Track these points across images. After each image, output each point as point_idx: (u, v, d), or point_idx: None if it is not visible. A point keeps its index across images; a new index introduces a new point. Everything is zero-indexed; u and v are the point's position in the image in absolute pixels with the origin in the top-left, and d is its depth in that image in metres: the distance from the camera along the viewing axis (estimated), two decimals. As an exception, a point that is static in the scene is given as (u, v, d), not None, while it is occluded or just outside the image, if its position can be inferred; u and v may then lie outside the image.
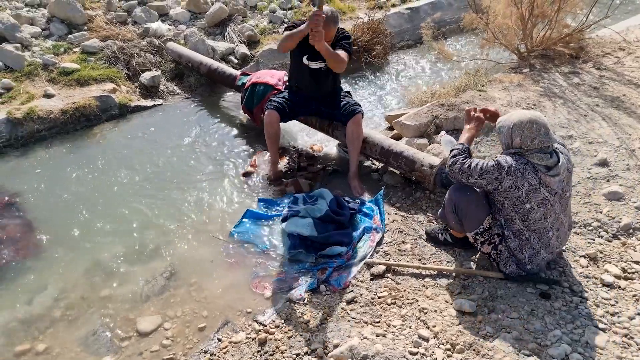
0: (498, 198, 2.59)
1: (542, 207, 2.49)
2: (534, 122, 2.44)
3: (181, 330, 2.69)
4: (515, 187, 2.47)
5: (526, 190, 2.46)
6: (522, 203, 2.49)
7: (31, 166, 4.13)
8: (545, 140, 2.44)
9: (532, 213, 2.51)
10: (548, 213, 2.51)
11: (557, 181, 2.47)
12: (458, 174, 2.63)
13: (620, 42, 5.71)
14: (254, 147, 4.44)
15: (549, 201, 2.48)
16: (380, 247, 3.18)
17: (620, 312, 2.42)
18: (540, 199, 2.47)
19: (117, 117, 4.92)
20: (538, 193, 2.46)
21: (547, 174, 2.45)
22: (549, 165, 2.46)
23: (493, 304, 2.56)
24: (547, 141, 2.45)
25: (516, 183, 2.46)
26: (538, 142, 2.44)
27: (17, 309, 2.84)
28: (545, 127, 2.45)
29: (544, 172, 2.45)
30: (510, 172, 2.46)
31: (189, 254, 3.25)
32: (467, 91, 4.66)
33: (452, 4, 8.17)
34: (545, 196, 2.47)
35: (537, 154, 2.46)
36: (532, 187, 2.46)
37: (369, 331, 2.49)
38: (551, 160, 2.46)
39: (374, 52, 6.47)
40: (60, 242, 3.33)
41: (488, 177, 2.51)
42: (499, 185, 2.50)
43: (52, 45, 5.44)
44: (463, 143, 2.77)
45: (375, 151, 3.89)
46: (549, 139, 2.45)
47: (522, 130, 2.45)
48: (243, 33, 6.30)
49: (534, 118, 2.45)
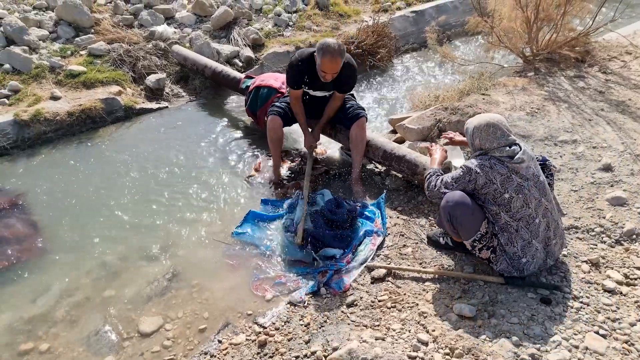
0: (479, 197, 2.70)
1: (520, 193, 2.58)
2: (491, 125, 2.63)
3: (182, 331, 2.71)
4: (490, 181, 2.60)
5: (500, 180, 2.59)
6: (500, 194, 2.60)
7: (37, 167, 4.18)
8: (502, 142, 2.62)
9: (513, 201, 2.59)
10: (527, 199, 2.59)
11: (524, 167, 2.60)
12: (436, 192, 2.82)
13: (627, 46, 5.68)
14: (258, 150, 4.46)
15: (524, 187, 2.59)
16: (381, 250, 3.19)
17: (621, 318, 2.41)
18: (515, 186, 2.58)
19: (122, 119, 4.97)
20: (511, 180, 2.59)
21: (512, 162, 2.58)
22: (510, 155, 2.60)
23: (493, 308, 2.55)
24: (505, 142, 2.62)
25: (489, 177, 2.60)
26: (496, 144, 2.62)
27: (21, 308, 2.87)
28: (502, 129, 2.63)
29: (509, 161, 2.59)
30: (479, 170, 2.62)
31: (191, 256, 3.27)
32: (470, 95, 4.65)
33: (457, 7, 8.17)
34: (519, 182, 2.59)
35: (498, 149, 2.63)
36: (504, 176, 2.59)
37: (369, 334, 2.49)
38: (510, 150, 2.61)
39: (378, 55, 6.49)
40: (65, 242, 3.37)
41: (462, 182, 2.68)
42: (474, 185, 2.66)
43: (59, 48, 5.50)
44: (434, 168, 3.02)
45: (378, 154, 3.90)
46: (506, 140, 2.62)
47: (480, 132, 2.66)
48: (248, 36, 6.33)
49: (491, 121, 2.65)
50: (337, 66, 3.56)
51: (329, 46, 3.49)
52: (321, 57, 3.52)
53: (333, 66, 3.54)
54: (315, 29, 6.95)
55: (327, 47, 3.49)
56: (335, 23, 7.20)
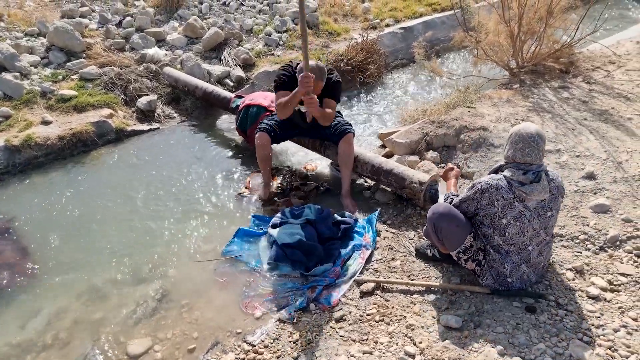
0: (477, 217, 2.68)
1: (518, 221, 2.55)
2: (531, 140, 2.50)
3: (171, 352, 2.71)
4: (492, 204, 2.56)
5: (501, 205, 2.54)
6: (499, 219, 2.57)
7: (28, 192, 4.21)
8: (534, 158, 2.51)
9: (509, 228, 2.56)
10: (525, 228, 2.56)
11: (533, 200, 2.53)
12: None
13: (610, 56, 5.78)
14: (249, 168, 4.50)
15: (524, 215, 2.54)
16: (370, 264, 3.21)
17: (605, 324, 2.42)
18: (515, 213, 2.54)
19: (113, 141, 5.01)
20: (513, 207, 2.53)
21: (519, 189, 2.51)
22: (521, 181, 2.51)
23: (479, 318, 2.57)
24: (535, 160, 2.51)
25: (491, 199, 2.55)
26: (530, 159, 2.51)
27: (10, 333, 2.87)
28: (538, 148, 2.51)
29: (517, 187, 2.51)
30: (484, 190, 2.57)
31: (181, 275, 3.28)
32: (456, 108, 4.72)
33: (445, 22, 8.31)
34: (521, 210, 2.53)
35: (510, 169, 2.55)
36: (507, 202, 2.53)
37: (356, 349, 2.50)
38: (523, 177, 2.51)
39: (368, 71, 6.57)
40: (55, 267, 3.37)
41: (469, 202, 2.65)
42: (477, 204, 2.62)
43: (50, 73, 5.57)
44: (450, 191, 3.03)
45: (366, 169, 3.94)
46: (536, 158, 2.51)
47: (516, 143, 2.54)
48: (239, 56, 6.42)
49: (534, 135, 2.51)
50: (316, 89, 3.66)
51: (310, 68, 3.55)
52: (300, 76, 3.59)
53: (315, 88, 3.64)
54: (304, 48, 7.04)
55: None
56: (325, 41, 7.31)
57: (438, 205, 2.79)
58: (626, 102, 4.64)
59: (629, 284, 2.69)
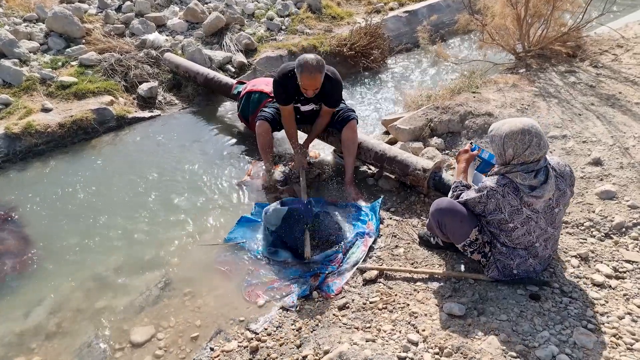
0: (483, 218, 2.62)
1: (525, 225, 2.50)
2: (526, 133, 2.35)
3: (174, 340, 2.71)
4: (499, 210, 2.50)
5: (509, 211, 2.48)
6: (505, 222, 2.52)
7: (29, 180, 4.19)
8: (535, 151, 2.35)
9: (516, 231, 2.53)
10: (532, 229, 2.51)
11: (542, 202, 2.45)
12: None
13: (618, 39, 5.68)
14: (251, 155, 4.46)
15: (532, 219, 2.49)
16: (373, 252, 3.19)
17: (609, 312, 2.40)
18: (522, 219, 2.49)
19: (114, 129, 4.98)
20: (520, 213, 2.47)
21: (529, 195, 2.41)
22: (533, 185, 2.41)
23: (483, 306, 2.55)
24: (538, 152, 2.36)
25: (498, 205, 2.49)
26: (529, 153, 2.36)
27: (13, 322, 2.87)
28: (537, 136, 2.35)
29: (527, 193, 2.42)
30: (490, 195, 2.49)
31: (184, 264, 3.27)
32: (461, 93, 4.65)
33: (450, 5, 8.18)
34: (528, 215, 2.48)
35: (521, 174, 2.41)
36: (514, 208, 2.47)
37: (359, 337, 2.49)
38: (535, 180, 2.40)
39: (371, 56, 6.49)
40: (57, 255, 3.37)
41: (475, 204, 2.59)
42: (484, 208, 2.55)
43: (50, 60, 5.52)
44: (458, 179, 2.87)
45: (370, 156, 3.90)
46: (539, 149, 2.36)
47: (514, 141, 2.37)
48: (240, 41, 6.34)
49: (526, 128, 2.36)
50: (316, 82, 3.57)
51: (307, 62, 3.49)
52: (300, 74, 3.53)
53: (312, 82, 3.55)
54: (308, 32, 6.96)
55: (305, 63, 3.50)
56: (328, 25, 7.22)
57: (441, 201, 2.73)
58: (634, 87, 4.56)
59: (634, 271, 2.66)
